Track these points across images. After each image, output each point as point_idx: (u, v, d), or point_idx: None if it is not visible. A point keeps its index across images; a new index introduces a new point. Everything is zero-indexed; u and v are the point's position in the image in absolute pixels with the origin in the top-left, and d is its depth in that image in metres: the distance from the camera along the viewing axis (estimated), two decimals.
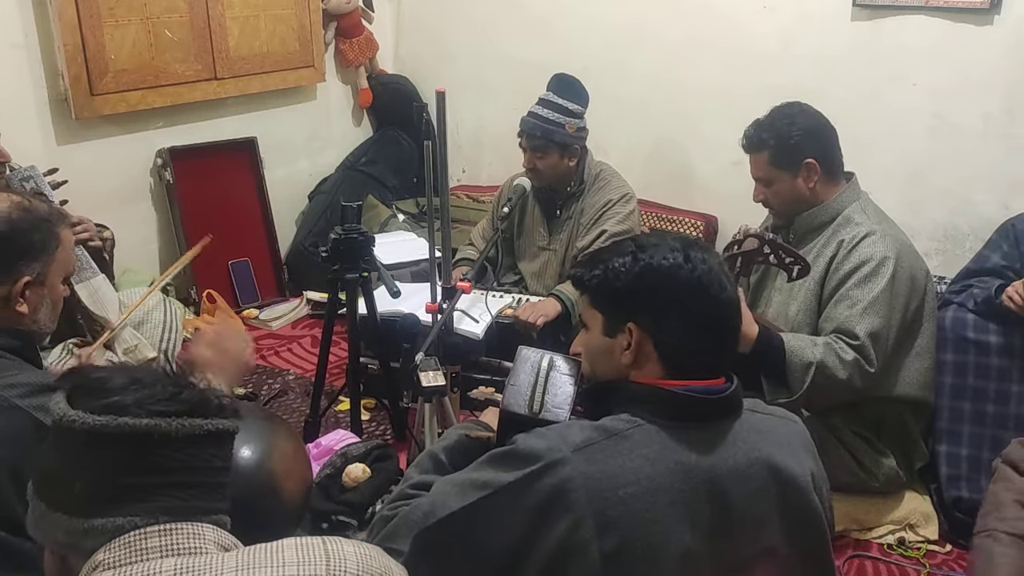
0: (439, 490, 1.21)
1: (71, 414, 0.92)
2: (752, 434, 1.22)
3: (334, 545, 0.95)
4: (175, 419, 0.94)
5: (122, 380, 0.96)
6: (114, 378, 0.96)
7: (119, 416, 0.92)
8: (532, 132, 2.82)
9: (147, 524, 0.91)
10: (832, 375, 2.07)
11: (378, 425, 2.83)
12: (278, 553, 0.92)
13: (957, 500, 2.28)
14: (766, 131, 2.28)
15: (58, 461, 0.95)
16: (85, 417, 0.91)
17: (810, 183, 2.26)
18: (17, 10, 2.99)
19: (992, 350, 2.32)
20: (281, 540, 0.95)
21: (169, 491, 0.94)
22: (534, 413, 1.29)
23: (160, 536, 0.91)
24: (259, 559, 0.91)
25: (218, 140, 3.63)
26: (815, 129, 2.28)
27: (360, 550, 0.96)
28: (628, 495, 1.11)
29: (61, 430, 0.94)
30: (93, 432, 0.91)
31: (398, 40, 4.37)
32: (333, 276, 2.43)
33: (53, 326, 1.64)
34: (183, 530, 0.92)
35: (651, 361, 1.23)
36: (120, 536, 0.90)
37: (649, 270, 1.22)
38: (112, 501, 0.92)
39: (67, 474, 0.93)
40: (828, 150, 2.28)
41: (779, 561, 1.22)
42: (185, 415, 0.95)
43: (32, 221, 1.55)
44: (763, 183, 2.33)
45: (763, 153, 2.29)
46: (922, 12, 2.92)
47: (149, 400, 0.94)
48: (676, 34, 3.45)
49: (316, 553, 0.93)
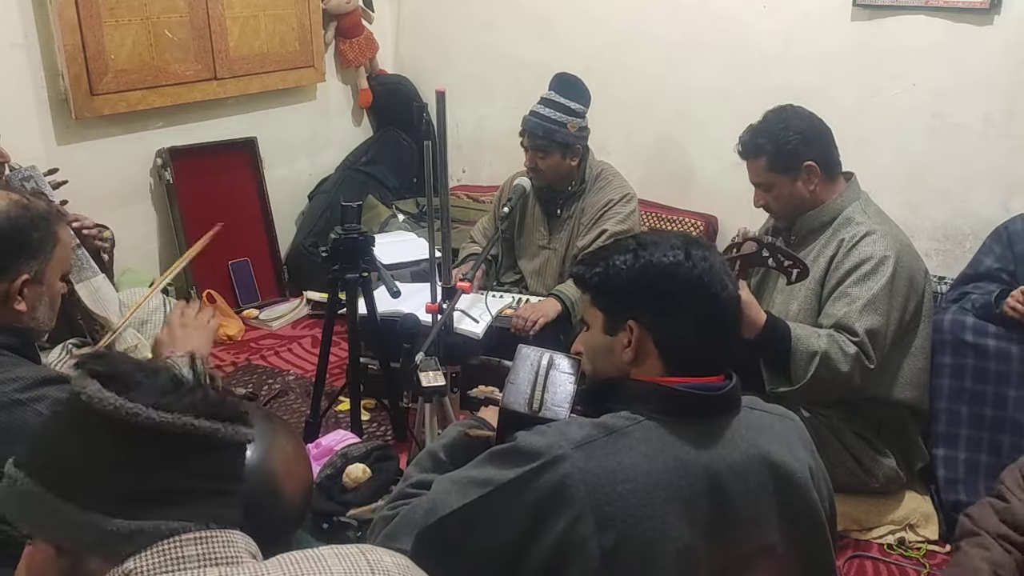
0: (439, 488, 1.21)
1: (130, 407, 0.85)
2: (751, 431, 1.22)
3: (373, 555, 0.93)
4: (228, 424, 0.90)
5: (165, 378, 0.90)
6: (158, 374, 0.90)
7: (183, 415, 0.87)
8: (534, 131, 2.82)
9: (184, 531, 0.86)
10: (835, 367, 2.08)
11: (378, 425, 2.83)
12: (322, 562, 0.90)
13: (955, 504, 2.28)
14: (762, 136, 2.27)
15: (86, 454, 0.87)
16: (149, 412, 0.85)
17: (811, 185, 2.26)
18: (17, 10, 2.99)
19: (990, 354, 2.32)
20: (319, 549, 0.93)
21: (208, 498, 0.90)
22: (534, 411, 1.29)
23: (196, 544, 0.86)
24: (305, 569, 0.88)
25: (218, 140, 3.64)
26: (811, 131, 2.27)
27: (396, 560, 0.95)
28: (627, 491, 1.11)
29: (106, 421, 0.85)
30: (152, 428, 0.85)
31: (398, 40, 4.37)
32: (333, 276, 2.43)
33: (51, 324, 1.64)
34: (218, 538, 0.88)
35: (651, 358, 1.23)
36: (155, 544, 0.85)
37: (650, 268, 1.22)
38: (150, 502, 0.86)
39: (100, 469, 0.86)
40: (825, 151, 2.28)
41: (778, 558, 1.22)
42: (231, 422, 0.91)
43: (30, 219, 1.55)
44: (763, 188, 2.32)
45: (760, 159, 2.28)
46: (922, 12, 2.92)
47: (201, 403, 0.89)
48: (676, 34, 3.45)
49: (360, 563, 0.91)
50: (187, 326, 1.76)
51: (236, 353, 3.37)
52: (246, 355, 3.36)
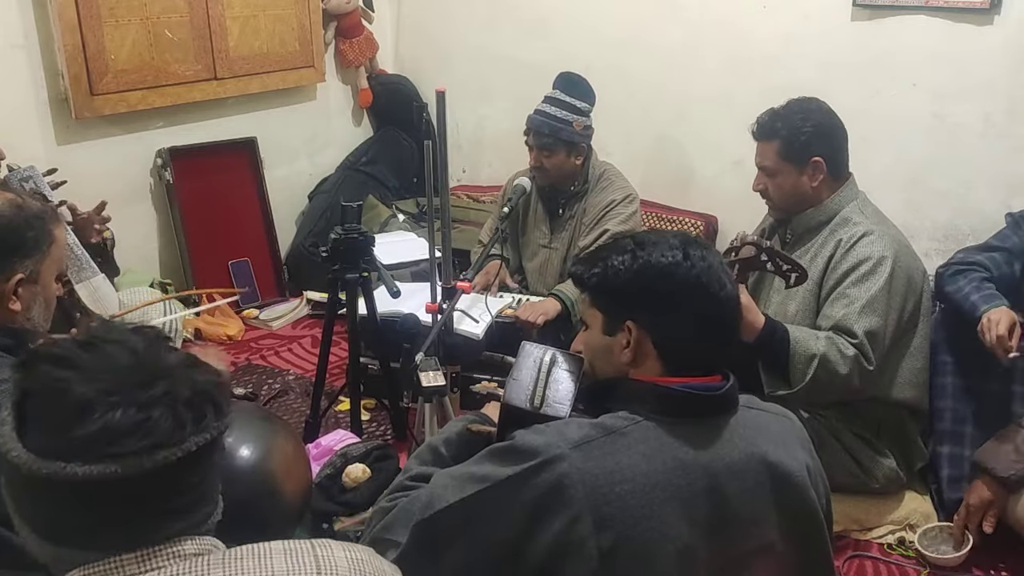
0: (438, 482, 1.22)
1: (29, 464, 0.81)
2: (748, 431, 1.22)
3: (324, 551, 0.91)
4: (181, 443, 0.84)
5: (103, 383, 0.84)
6: (88, 383, 0.83)
7: (108, 463, 0.81)
8: (540, 130, 2.81)
9: (123, 552, 0.85)
10: (834, 369, 2.08)
11: (378, 425, 2.83)
12: (266, 560, 0.88)
13: (958, 502, 2.26)
14: (780, 121, 2.26)
15: (26, 493, 0.86)
16: (45, 466, 0.81)
17: (814, 181, 2.26)
18: (17, 10, 2.99)
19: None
20: (268, 544, 0.91)
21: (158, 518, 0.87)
22: (535, 408, 1.29)
23: (137, 562, 0.85)
24: (247, 568, 0.87)
25: (218, 140, 3.64)
26: (828, 128, 2.27)
27: (351, 554, 0.93)
28: (625, 491, 1.11)
29: (15, 472, 0.83)
30: (78, 483, 0.81)
31: (398, 40, 4.37)
32: (333, 276, 2.44)
33: (47, 324, 1.64)
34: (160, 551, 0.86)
35: (650, 359, 1.23)
36: (92, 565, 0.84)
37: (648, 268, 1.22)
38: (86, 534, 0.85)
39: (37, 504, 0.85)
40: (836, 151, 2.28)
41: (776, 557, 1.23)
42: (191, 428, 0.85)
43: (25, 218, 1.54)
44: (767, 173, 2.31)
45: (773, 142, 2.27)
46: (922, 12, 2.92)
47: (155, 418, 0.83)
48: (676, 34, 3.45)
49: (306, 560, 0.89)
50: None
51: (236, 353, 3.37)
52: (246, 355, 3.36)
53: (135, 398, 0.84)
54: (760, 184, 2.34)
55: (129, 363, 0.87)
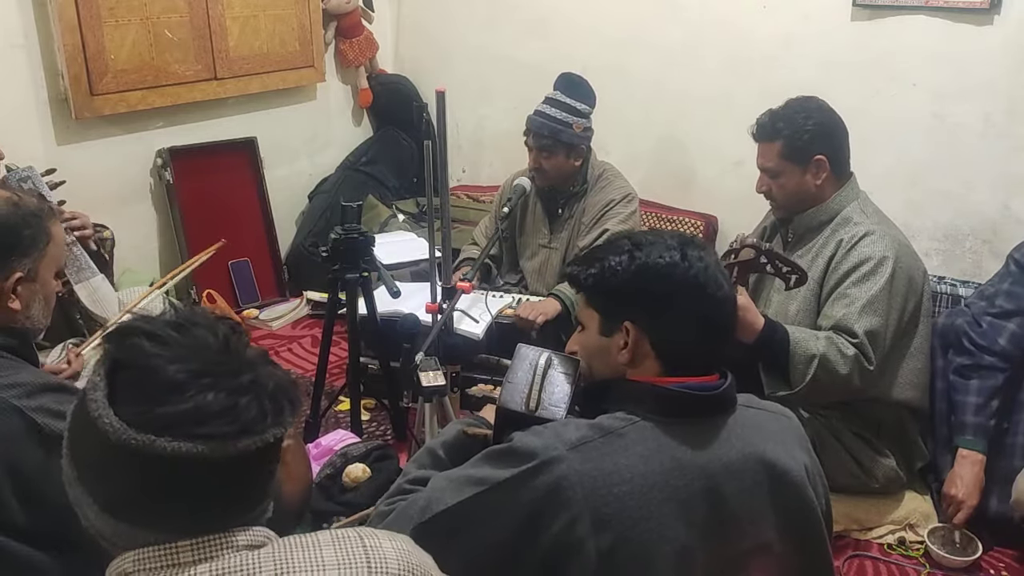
0: (436, 486, 1.22)
1: (124, 435, 0.82)
2: (746, 430, 1.22)
3: (371, 540, 0.92)
4: (263, 433, 0.86)
5: (195, 364, 0.86)
6: (181, 361, 0.86)
7: (197, 442, 0.82)
8: (539, 131, 2.81)
9: (180, 538, 0.87)
10: (834, 369, 2.07)
11: (378, 425, 2.83)
12: (316, 551, 0.89)
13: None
14: (781, 121, 2.26)
15: (91, 451, 0.87)
16: (144, 439, 0.82)
17: (817, 180, 2.26)
18: (17, 10, 2.99)
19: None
20: (317, 535, 0.92)
21: (223, 506, 0.88)
22: (530, 411, 1.29)
23: (192, 550, 0.87)
24: (297, 561, 0.88)
25: (218, 140, 3.63)
26: (829, 126, 2.27)
27: (397, 544, 0.94)
28: (623, 492, 1.11)
29: (120, 449, 0.83)
30: (148, 452, 0.82)
31: (398, 40, 4.37)
32: (333, 276, 2.44)
33: (47, 322, 1.64)
34: (215, 540, 0.88)
35: (648, 359, 1.23)
36: (149, 547, 0.86)
37: (645, 268, 1.22)
38: (152, 513, 0.86)
39: (102, 469, 0.86)
40: (839, 149, 2.28)
41: (774, 556, 1.23)
42: (272, 419, 0.87)
43: (22, 216, 1.54)
44: (769, 174, 2.30)
45: (775, 143, 2.26)
46: (922, 12, 2.92)
47: (239, 412, 0.85)
48: (675, 34, 3.45)
49: (355, 552, 0.90)
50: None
51: None
52: None
53: (226, 383, 0.86)
54: (764, 186, 2.33)
55: (218, 348, 0.89)
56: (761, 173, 2.33)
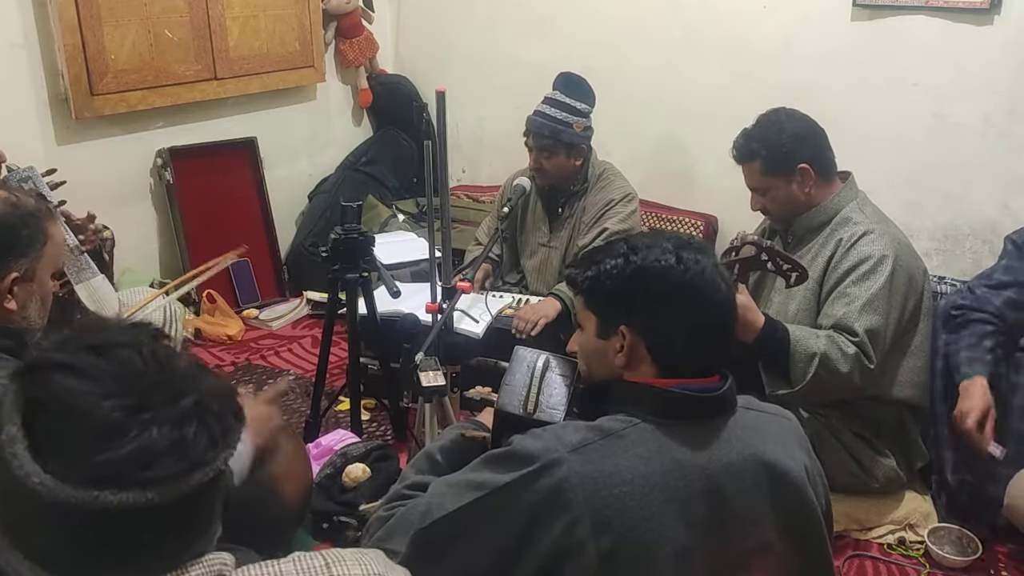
0: (435, 491, 1.21)
1: (46, 487, 0.72)
2: (746, 431, 1.22)
3: (339, 568, 0.86)
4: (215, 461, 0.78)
5: (130, 397, 0.75)
6: (114, 397, 0.75)
7: (145, 490, 0.73)
8: (540, 131, 2.81)
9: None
10: (834, 368, 2.08)
11: (378, 425, 2.84)
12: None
13: (961, 483, 2.29)
14: (755, 141, 2.27)
15: (34, 523, 0.76)
16: (114, 497, 0.73)
17: (805, 188, 2.26)
18: (17, 10, 2.99)
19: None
20: (279, 564, 0.86)
21: (173, 544, 0.80)
22: (528, 413, 1.29)
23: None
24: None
25: (218, 140, 3.64)
26: (805, 133, 2.27)
27: (367, 567, 0.89)
28: (623, 494, 1.11)
29: (30, 497, 0.73)
30: (85, 511, 0.73)
31: (398, 40, 4.37)
32: (333, 276, 2.44)
33: (43, 323, 1.63)
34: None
35: (644, 363, 1.23)
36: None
37: (641, 272, 1.22)
38: (95, 564, 0.77)
39: (45, 534, 0.76)
40: (820, 152, 2.28)
41: (775, 557, 1.23)
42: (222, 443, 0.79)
43: (19, 216, 1.54)
44: (759, 192, 2.32)
45: (754, 163, 2.28)
46: (922, 12, 2.92)
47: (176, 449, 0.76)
48: (676, 34, 3.45)
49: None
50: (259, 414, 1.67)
51: (236, 353, 3.37)
52: (246, 355, 3.36)
53: (168, 414, 0.77)
54: (757, 204, 2.35)
55: (151, 371, 0.79)
56: (752, 192, 2.35)
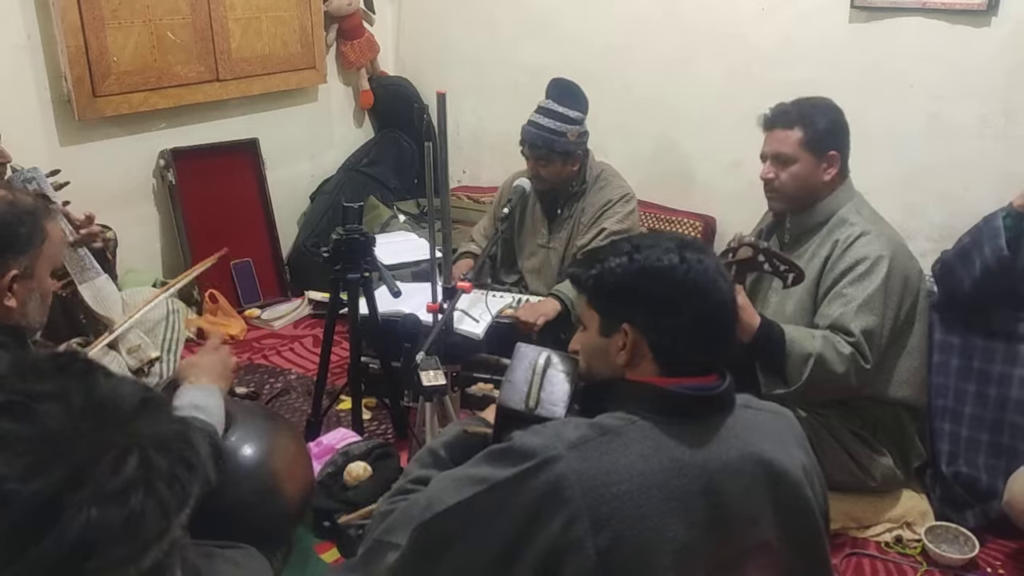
0: (437, 485, 1.23)
1: None
2: (745, 430, 1.23)
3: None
4: (168, 531, 0.66)
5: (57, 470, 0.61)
6: (39, 475, 0.61)
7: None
8: (534, 142, 2.83)
9: None
10: (830, 368, 2.09)
11: (379, 424, 2.85)
12: None
13: (956, 474, 2.33)
14: (801, 112, 2.28)
15: None
16: None
17: (827, 175, 2.26)
18: (20, 11, 3.01)
19: (998, 335, 2.37)
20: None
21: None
22: (529, 409, 1.30)
23: None
24: None
25: (220, 141, 3.65)
26: (841, 125, 2.30)
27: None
28: (622, 492, 1.12)
29: None
30: None
31: (399, 42, 4.39)
32: (335, 276, 2.45)
33: (43, 321, 1.64)
34: None
35: (646, 361, 1.24)
36: None
37: (644, 270, 1.23)
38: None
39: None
40: (846, 148, 2.31)
41: (773, 555, 1.23)
42: (175, 508, 0.67)
43: (17, 214, 1.55)
44: (781, 161, 2.27)
45: (794, 130, 2.26)
46: (919, 13, 2.93)
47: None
48: (674, 36, 3.46)
49: None
50: (213, 359, 1.76)
51: (238, 352, 3.38)
52: (248, 354, 3.38)
53: (109, 484, 0.63)
54: (770, 172, 2.29)
55: (84, 429, 0.64)
56: (768, 161, 2.30)
